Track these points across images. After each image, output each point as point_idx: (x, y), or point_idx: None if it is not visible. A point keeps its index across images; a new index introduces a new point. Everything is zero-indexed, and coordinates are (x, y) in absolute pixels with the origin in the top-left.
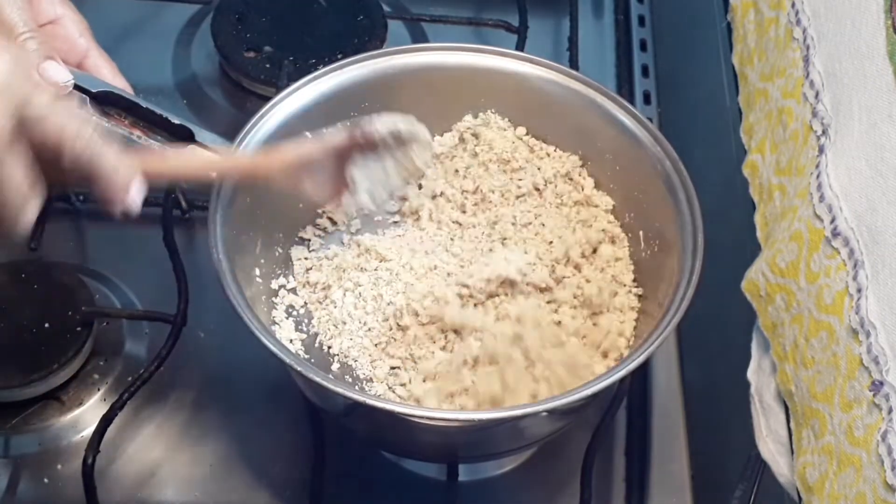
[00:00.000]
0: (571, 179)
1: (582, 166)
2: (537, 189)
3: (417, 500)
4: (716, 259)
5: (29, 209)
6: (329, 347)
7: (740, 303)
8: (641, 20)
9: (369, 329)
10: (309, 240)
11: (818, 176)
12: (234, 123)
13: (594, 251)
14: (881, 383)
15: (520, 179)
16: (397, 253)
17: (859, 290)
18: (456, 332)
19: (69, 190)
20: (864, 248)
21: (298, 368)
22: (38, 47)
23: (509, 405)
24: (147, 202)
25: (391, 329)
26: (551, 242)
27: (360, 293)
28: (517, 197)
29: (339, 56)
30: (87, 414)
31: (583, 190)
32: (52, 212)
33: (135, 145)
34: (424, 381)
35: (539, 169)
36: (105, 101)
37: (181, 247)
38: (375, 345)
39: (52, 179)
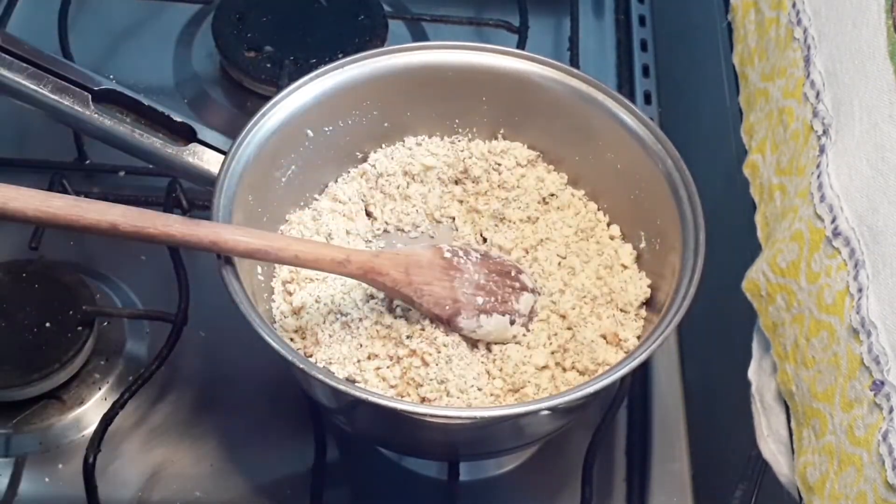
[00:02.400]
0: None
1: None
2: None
3: (418, 500)
4: (716, 259)
5: None
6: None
7: (741, 303)
8: (642, 20)
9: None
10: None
11: (819, 176)
12: (234, 123)
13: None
14: (882, 383)
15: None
16: None
17: (860, 290)
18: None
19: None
20: (865, 248)
21: (301, 366)
22: None
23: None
24: (148, 202)
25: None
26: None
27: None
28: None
29: (340, 56)
30: (88, 413)
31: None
32: None
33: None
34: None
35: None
36: (106, 100)
37: None
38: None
39: None
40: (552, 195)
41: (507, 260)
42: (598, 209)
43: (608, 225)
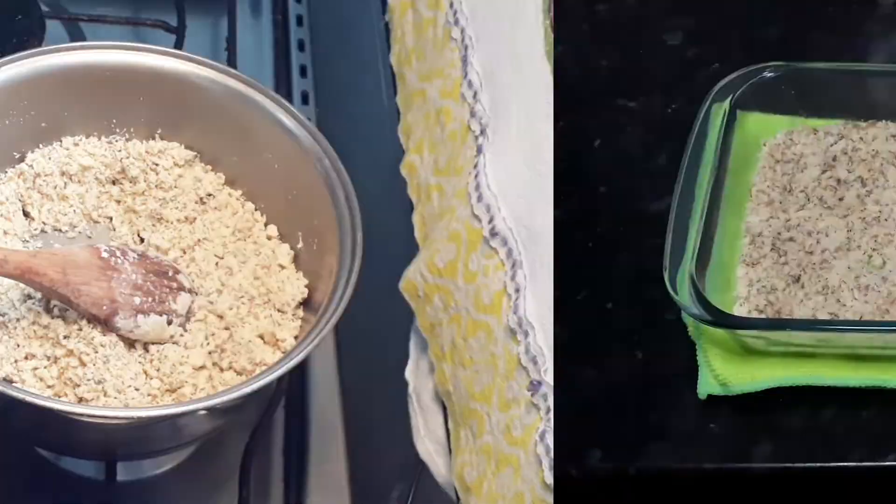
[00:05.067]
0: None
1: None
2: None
3: (75, 500)
4: (375, 259)
5: None
6: None
7: (399, 303)
8: (300, 20)
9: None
10: None
11: (476, 176)
12: None
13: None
14: (539, 383)
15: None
16: None
17: (517, 290)
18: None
19: None
20: (523, 248)
21: None
22: None
23: None
24: None
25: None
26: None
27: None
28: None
29: None
30: None
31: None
32: None
33: None
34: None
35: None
36: None
37: None
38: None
39: None
40: (209, 195)
41: (165, 260)
42: (256, 209)
43: (266, 225)
